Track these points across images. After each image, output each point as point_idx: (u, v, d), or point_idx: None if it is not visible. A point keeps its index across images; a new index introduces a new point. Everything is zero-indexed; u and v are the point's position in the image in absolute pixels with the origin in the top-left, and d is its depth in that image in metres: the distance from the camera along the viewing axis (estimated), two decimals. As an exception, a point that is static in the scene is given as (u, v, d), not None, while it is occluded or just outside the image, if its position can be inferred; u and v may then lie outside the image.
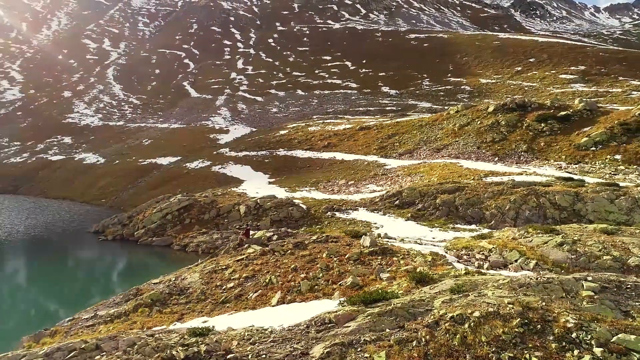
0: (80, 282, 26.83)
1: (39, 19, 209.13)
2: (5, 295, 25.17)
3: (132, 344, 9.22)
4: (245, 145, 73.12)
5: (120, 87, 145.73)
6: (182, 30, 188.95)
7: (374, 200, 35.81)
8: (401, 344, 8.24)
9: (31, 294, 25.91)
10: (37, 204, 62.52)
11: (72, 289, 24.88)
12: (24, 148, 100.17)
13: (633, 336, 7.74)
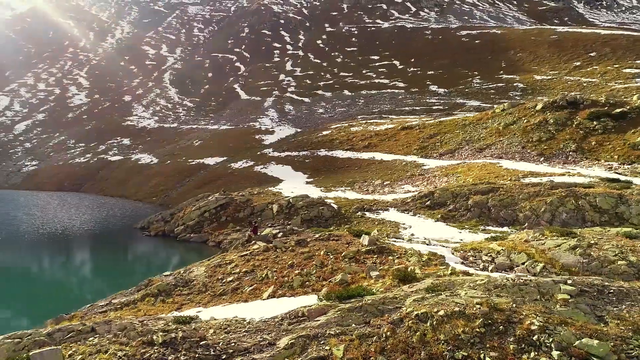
0: (115, 273, 28.82)
1: (104, 28, 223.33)
2: (47, 282, 27.78)
3: (122, 328, 10.03)
4: (288, 145, 74.44)
5: (175, 90, 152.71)
6: (234, 35, 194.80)
7: (406, 201, 35.49)
8: (362, 339, 8.43)
9: (70, 282, 28.39)
10: (95, 201, 67.16)
11: (106, 278, 26.88)
12: (87, 149, 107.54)
13: (596, 341, 7.50)
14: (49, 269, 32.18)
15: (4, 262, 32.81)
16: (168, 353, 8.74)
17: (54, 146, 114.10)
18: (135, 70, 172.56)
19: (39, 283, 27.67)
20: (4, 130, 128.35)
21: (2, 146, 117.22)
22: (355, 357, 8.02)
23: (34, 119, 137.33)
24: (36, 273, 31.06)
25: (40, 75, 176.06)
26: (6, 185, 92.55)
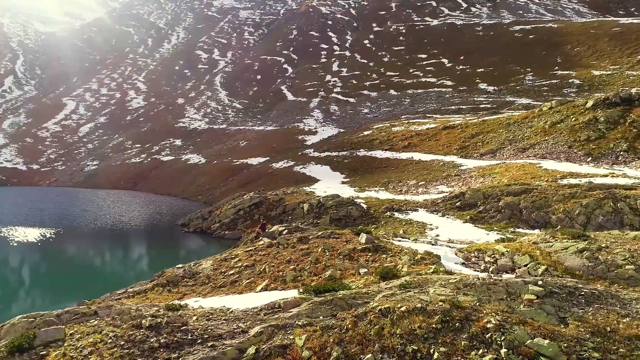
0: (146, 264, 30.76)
1: (162, 34, 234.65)
2: (86, 270, 30.30)
3: (119, 313, 11.02)
4: (329, 146, 75.10)
5: (225, 93, 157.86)
6: (282, 37, 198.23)
7: (436, 202, 35.05)
8: (324, 330, 8.84)
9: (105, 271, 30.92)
10: (145, 199, 71.08)
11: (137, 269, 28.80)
12: (142, 150, 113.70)
13: (547, 341, 7.51)
14: (90, 259, 35.05)
15: (54, 252, 36.06)
16: (151, 335, 9.60)
17: (112, 147, 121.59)
18: (188, 74, 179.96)
19: (79, 271, 30.50)
20: (69, 133, 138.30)
21: (68, 147, 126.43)
22: (313, 346, 8.46)
23: (97, 121, 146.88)
24: (78, 262, 33.99)
25: (103, 80, 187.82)
26: (70, 184, 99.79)
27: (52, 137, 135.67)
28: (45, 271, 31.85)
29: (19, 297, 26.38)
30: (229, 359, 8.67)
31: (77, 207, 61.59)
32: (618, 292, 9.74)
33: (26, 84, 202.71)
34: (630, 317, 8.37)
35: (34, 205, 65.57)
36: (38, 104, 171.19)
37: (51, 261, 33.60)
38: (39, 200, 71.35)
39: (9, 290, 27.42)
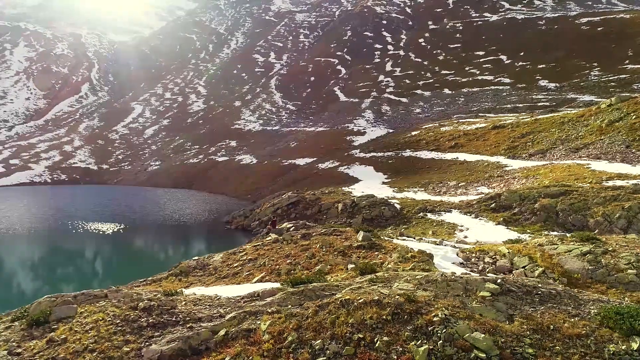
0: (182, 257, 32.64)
1: (222, 40, 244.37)
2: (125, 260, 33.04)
3: (124, 296, 12.37)
4: (375, 146, 75.10)
5: (280, 95, 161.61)
6: (337, 39, 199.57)
7: (471, 203, 34.39)
8: (287, 317, 9.56)
9: (142, 260, 33.58)
10: (199, 197, 74.86)
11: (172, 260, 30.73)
12: (200, 151, 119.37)
13: (483, 335, 7.79)
14: (134, 250, 38.21)
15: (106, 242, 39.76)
16: (143, 316, 10.80)
17: (173, 148, 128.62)
18: (245, 77, 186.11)
19: (121, 260, 33.58)
20: (136, 135, 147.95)
21: (134, 148, 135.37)
22: (274, 331, 9.21)
23: (160, 124, 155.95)
24: (123, 252, 37.21)
25: (168, 85, 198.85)
26: (134, 182, 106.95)
27: (121, 139, 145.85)
28: (94, 258, 35.68)
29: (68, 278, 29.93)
30: (202, 339, 9.64)
31: (136, 204, 66.29)
32: (579, 293, 9.64)
33: (100, 90, 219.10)
34: (579, 317, 8.38)
35: (99, 201, 71.31)
36: (110, 109, 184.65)
37: (101, 250, 37.59)
38: (104, 197, 77.41)
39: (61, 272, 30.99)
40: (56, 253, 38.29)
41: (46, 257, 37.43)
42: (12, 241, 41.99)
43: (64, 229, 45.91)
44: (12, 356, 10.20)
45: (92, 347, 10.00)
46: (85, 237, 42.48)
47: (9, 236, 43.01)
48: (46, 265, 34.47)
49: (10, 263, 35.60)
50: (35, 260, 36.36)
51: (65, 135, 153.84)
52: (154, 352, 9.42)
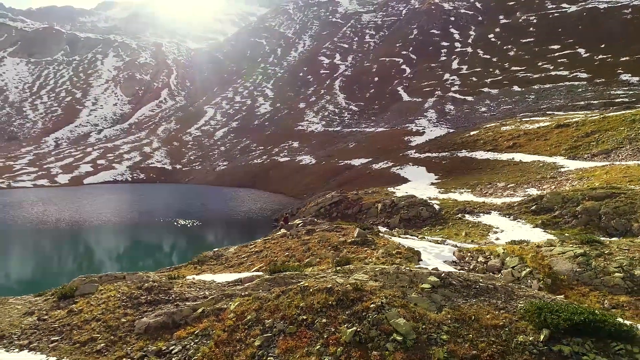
0: None
1: (290, 43, 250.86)
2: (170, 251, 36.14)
3: (137, 278, 14.34)
4: (431, 147, 74.02)
5: (343, 96, 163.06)
6: (402, 38, 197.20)
7: (512, 205, 33.45)
8: (254, 299, 10.84)
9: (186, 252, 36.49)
10: (258, 196, 78.36)
11: None
12: (264, 151, 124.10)
13: (404, 321, 8.56)
14: (182, 243, 41.48)
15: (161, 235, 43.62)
16: (144, 294, 12.62)
17: (240, 149, 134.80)
18: (311, 80, 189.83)
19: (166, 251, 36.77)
20: (207, 137, 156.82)
21: (205, 149, 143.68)
22: (238, 310, 10.53)
23: (230, 126, 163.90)
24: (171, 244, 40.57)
25: (238, 89, 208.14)
26: (203, 182, 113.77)
27: (193, 141, 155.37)
28: (151, 246, 39.71)
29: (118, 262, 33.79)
30: (183, 315, 11.21)
31: (200, 201, 71.05)
32: (519, 289, 9.91)
33: (177, 94, 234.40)
34: (504, 310, 8.80)
35: (172, 199, 77.26)
36: (185, 112, 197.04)
37: (159, 239, 41.49)
38: (176, 195, 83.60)
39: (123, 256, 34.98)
40: (125, 240, 43.35)
41: (115, 243, 42.46)
42: (94, 230, 47.77)
43: (140, 221, 51.45)
44: (40, 322, 12.42)
45: (98, 317, 11.96)
46: (151, 229, 47.38)
47: (94, 226, 48.94)
48: (113, 250, 39.18)
49: (85, 248, 40.69)
50: (104, 245, 41.37)
51: (146, 137, 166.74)
52: (143, 323, 11.13)
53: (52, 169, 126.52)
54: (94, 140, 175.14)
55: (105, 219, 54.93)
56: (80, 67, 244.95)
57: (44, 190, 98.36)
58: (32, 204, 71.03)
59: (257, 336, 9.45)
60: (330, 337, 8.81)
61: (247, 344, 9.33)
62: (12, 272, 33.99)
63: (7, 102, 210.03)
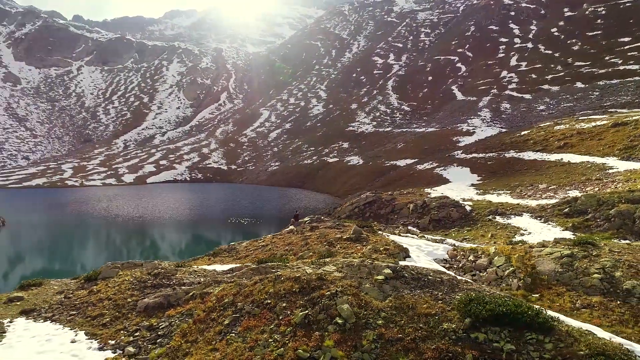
0: None
1: (344, 45, 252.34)
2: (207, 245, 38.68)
3: (151, 265, 16.18)
4: (478, 147, 72.25)
5: (396, 96, 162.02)
6: (459, 35, 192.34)
7: (545, 207, 32.53)
8: (235, 285, 12.16)
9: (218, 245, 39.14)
10: (304, 196, 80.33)
11: None
12: (315, 152, 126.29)
13: (347, 307, 9.50)
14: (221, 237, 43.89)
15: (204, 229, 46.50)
16: (150, 279, 14.37)
17: (292, 150, 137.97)
18: (364, 80, 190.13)
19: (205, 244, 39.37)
20: (261, 138, 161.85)
21: (258, 150, 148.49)
22: (219, 294, 11.89)
23: (283, 128, 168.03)
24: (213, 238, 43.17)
25: (292, 91, 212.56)
26: (255, 182, 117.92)
27: (248, 142, 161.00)
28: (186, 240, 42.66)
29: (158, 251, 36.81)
30: (177, 297, 12.77)
31: (246, 200, 74.17)
32: (465, 284, 10.42)
33: (236, 97, 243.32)
34: (442, 301, 9.46)
35: (219, 198, 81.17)
36: (242, 115, 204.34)
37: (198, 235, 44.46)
38: (230, 194, 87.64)
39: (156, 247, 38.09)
40: (171, 234, 46.88)
41: (162, 236, 46.01)
42: (148, 224, 51.95)
43: (190, 218, 55.30)
44: (65, 299, 14.53)
45: (110, 296, 13.84)
46: (199, 225, 50.80)
47: (148, 221, 53.22)
48: (158, 241, 42.65)
49: (134, 239, 44.48)
50: (152, 237, 45.01)
51: (205, 139, 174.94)
52: (144, 303, 12.84)
53: (120, 169, 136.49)
54: (158, 142, 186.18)
55: (160, 214, 59.27)
56: (148, 74, 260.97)
57: (111, 189, 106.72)
58: (98, 200, 77.76)
59: (228, 316, 10.75)
60: (285, 319, 9.92)
61: (218, 322, 10.66)
62: (67, 258, 38.24)
63: (84, 107, 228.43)
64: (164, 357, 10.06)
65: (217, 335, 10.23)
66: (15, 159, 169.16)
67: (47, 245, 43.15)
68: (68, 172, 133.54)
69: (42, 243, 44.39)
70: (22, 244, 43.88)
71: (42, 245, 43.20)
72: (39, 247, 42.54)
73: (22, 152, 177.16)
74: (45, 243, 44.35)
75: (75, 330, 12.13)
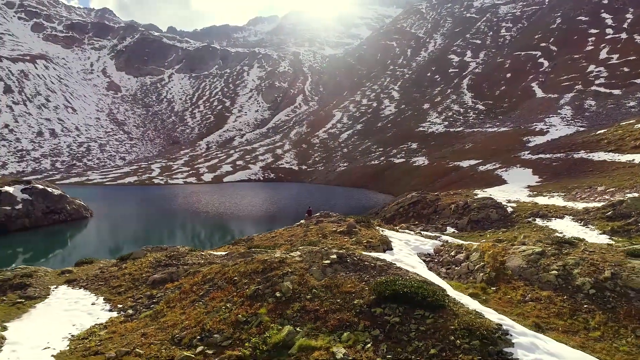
0: None
1: (420, 44, 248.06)
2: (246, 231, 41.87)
3: (171, 249, 18.95)
4: (547, 147, 68.54)
5: (470, 95, 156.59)
6: (542, 28, 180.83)
7: (589, 210, 31.13)
8: (221, 266, 14.35)
9: None
10: (366, 196, 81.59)
11: None
12: (383, 153, 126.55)
13: (288, 284, 11.28)
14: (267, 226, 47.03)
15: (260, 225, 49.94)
16: (164, 260, 17.10)
17: (361, 151, 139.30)
18: (438, 79, 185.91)
19: None
20: (332, 139, 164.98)
21: (329, 151, 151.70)
22: (206, 272, 14.15)
23: (354, 129, 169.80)
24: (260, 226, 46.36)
25: (365, 92, 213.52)
26: (323, 182, 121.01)
27: (320, 143, 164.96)
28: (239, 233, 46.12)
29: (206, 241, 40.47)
30: (178, 274, 15.28)
31: (307, 198, 77.07)
32: (395, 269, 11.55)
33: (311, 99, 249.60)
34: (364, 282, 10.83)
35: (286, 196, 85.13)
36: (316, 116, 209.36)
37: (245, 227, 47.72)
38: (290, 193, 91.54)
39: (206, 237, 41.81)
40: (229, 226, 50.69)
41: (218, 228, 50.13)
42: (212, 217, 56.77)
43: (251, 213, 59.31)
44: (100, 273, 17.73)
45: (131, 272, 16.77)
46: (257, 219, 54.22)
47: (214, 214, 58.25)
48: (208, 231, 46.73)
49: (194, 229, 49.11)
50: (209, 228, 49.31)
51: (279, 140, 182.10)
52: (153, 278, 15.56)
53: (200, 168, 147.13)
54: (237, 143, 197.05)
55: (225, 209, 64.22)
56: (230, 79, 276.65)
57: (190, 187, 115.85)
58: (175, 196, 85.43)
59: (204, 289, 12.97)
60: (240, 292, 11.89)
61: (195, 293, 12.91)
62: (132, 242, 43.44)
63: (173, 112, 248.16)
64: (149, 317, 12.50)
65: (190, 303, 12.48)
66: (114, 159, 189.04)
67: (120, 232, 49.51)
68: (156, 171, 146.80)
69: (116, 230, 50.94)
70: (101, 231, 50.65)
71: (115, 232, 49.70)
72: (112, 233, 48.96)
73: (120, 153, 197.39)
74: (119, 231, 50.82)
75: (98, 296, 15.11)
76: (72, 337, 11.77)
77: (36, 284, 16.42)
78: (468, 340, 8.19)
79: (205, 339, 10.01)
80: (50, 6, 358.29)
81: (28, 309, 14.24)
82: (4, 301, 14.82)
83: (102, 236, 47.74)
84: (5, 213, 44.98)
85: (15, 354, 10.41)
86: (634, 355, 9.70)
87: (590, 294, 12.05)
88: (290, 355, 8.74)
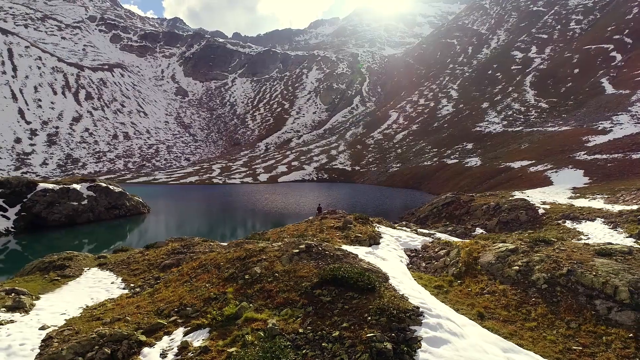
0: None
1: (482, 40, 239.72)
2: None
3: (188, 239, 21.22)
4: (607, 147, 64.72)
5: (533, 92, 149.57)
6: (617, 19, 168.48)
7: (622, 213, 29.89)
8: (217, 253, 16.29)
9: None
10: (413, 196, 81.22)
11: None
12: (436, 154, 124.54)
13: (257, 268, 12.93)
14: None
15: None
16: (179, 248, 19.40)
17: (414, 151, 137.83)
18: (499, 77, 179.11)
19: None
20: (387, 140, 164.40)
21: (382, 152, 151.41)
22: (203, 259, 16.14)
23: (410, 129, 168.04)
24: None
25: (423, 92, 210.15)
26: (375, 182, 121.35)
27: (374, 144, 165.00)
28: None
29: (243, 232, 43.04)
30: (184, 260, 17.41)
31: (353, 198, 78.29)
32: (353, 259, 12.72)
33: (368, 100, 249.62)
34: (318, 268, 12.18)
35: (335, 196, 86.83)
36: (372, 117, 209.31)
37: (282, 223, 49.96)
38: (336, 193, 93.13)
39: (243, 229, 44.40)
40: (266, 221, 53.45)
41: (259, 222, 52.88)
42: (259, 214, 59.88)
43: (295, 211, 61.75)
44: (127, 259, 20.31)
45: (149, 259, 19.20)
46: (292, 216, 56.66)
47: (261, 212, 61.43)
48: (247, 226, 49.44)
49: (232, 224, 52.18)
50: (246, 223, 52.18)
51: (335, 141, 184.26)
52: (164, 263, 17.87)
53: (257, 169, 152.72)
54: (294, 144, 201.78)
55: (271, 207, 67.23)
56: (290, 82, 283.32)
57: (247, 186, 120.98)
58: (229, 195, 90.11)
59: (196, 272, 14.95)
60: (220, 274, 13.72)
61: (189, 275, 14.92)
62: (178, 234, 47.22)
63: (235, 114, 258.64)
64: (147, 294, 14.67)
65: (181, 283, 14.51)
66: (179, 160, 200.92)
67: (171, 226, 53.75)
68: (216, 171, 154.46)
69: (168, 225, 55.38)
70: (155, 225, 55.28)
71: (167, 226, 54.11)
72: (164, 227, 53.38)
73: (185, 154, 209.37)
74: (170, 225, 55.16)
75: (118, 277, 17.64)
76: (86, 307, 14.20)
77: (73, 266, 19.35)
78: (377, 317, 9.38)
79: (181, 311, 11.91)
80: (127, 18, 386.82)
81: (61, 285, 17.03)
82: (45, 278, 17.77)
83: (156, 229, 52.21)
84: (73, 207, 50.67)
85: (38, 317, 12.91)
86: (557, 344, 10.31)
87: (542, 289, 12.59)
88: (237, 324, 10.37)
